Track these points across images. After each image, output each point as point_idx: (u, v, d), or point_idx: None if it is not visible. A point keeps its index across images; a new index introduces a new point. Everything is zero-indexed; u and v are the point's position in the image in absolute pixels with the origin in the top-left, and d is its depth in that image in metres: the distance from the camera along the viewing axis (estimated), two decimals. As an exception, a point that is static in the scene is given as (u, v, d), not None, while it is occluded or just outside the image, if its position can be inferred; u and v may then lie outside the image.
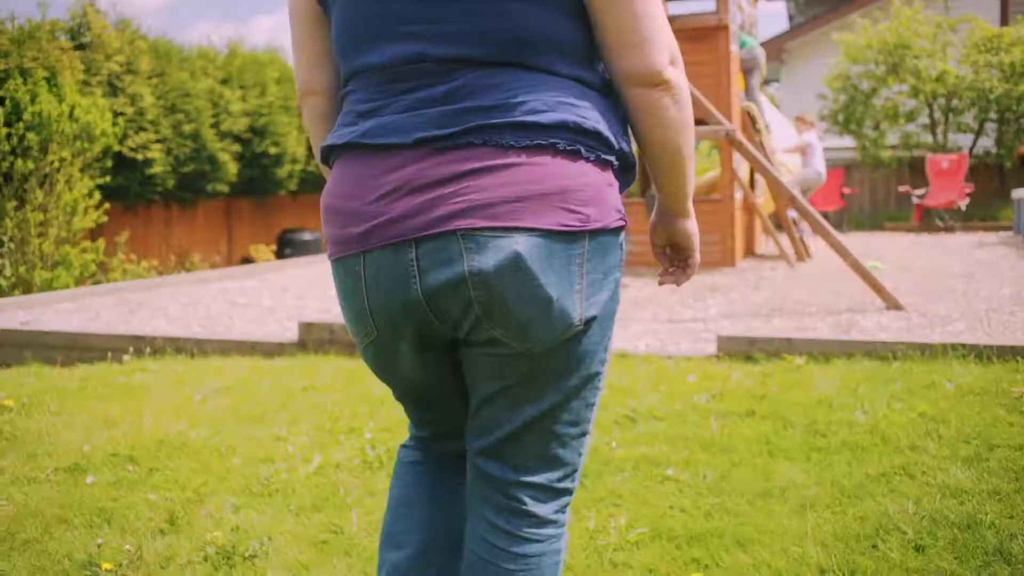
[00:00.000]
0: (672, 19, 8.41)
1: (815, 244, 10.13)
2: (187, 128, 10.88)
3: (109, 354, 5.25)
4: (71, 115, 8.90)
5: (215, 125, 11.48)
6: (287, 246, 13.99)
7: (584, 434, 1.41)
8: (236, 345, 5.19)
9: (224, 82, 11.91)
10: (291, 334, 5.31)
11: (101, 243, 9.40)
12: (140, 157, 10.23)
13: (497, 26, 1.24)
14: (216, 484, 3.03)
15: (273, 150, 12.41)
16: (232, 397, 4.16)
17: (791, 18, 22.31)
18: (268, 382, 4.39)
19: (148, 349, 5.26)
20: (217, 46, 12.27)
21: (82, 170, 9.26)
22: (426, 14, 1.25)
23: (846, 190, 13.31)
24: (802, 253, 8.66)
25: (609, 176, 1.31)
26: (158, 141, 10.57)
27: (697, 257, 1.48)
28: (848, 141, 14.93)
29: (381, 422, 3.58)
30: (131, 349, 5.29)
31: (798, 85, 16.19)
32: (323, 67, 1.43)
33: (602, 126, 1.29)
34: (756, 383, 3.86)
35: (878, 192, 14.82)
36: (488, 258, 1.22)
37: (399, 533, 1.52)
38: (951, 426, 3.18)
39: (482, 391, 1.38)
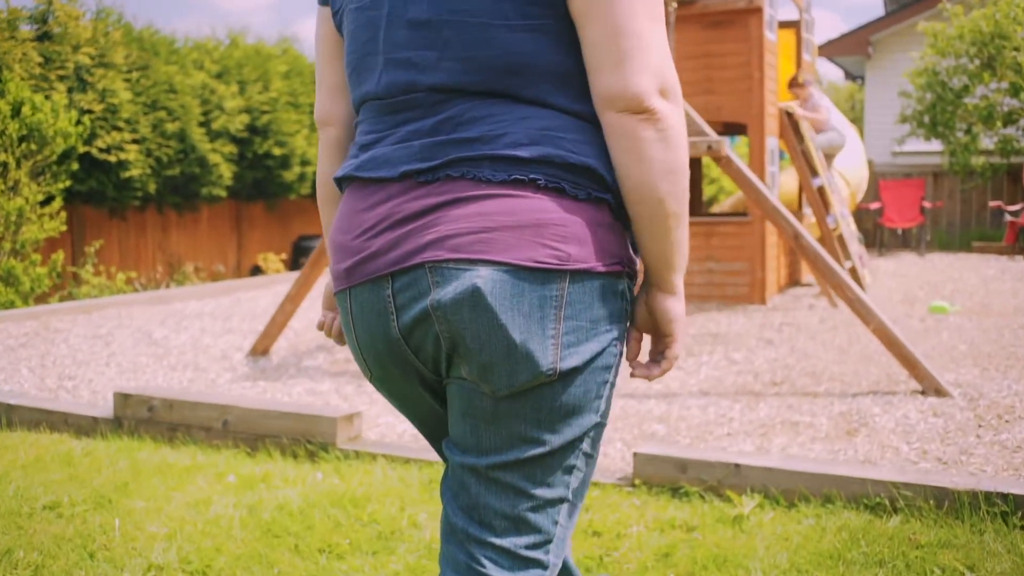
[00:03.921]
0: (692, 1, 6.92)
1: (872, 273, 8.51)
2: (170, 127, 9.84)
3: None
4: (17, 113, 7.96)
5: (205, 124, 10.43)
6: (302, 254, 12.88)
7: (562, 500, 1.26)
8: (48, 416, 4.02)
9: (219, 76, 10.84)
10: (110, 406, 4.10)
11: (60, 255, 8.45)
12: (113, 159, 9.24)
13: (485, 53, 1.18)
14: None
15: (277, 151, 11.28)
16: (-56, 516, 2.97)
17: (886, 6, 20.27)
18: (13, 488, 3.19)
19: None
20: (220, 36, 11.22)
21: (36, 175, 8.32)
22: (416, 40, 1.21)
23: (926, 203, 11.46)
24: (851, 287, 7.07)
25: (604, 216, 1.20)
26: (135, 141, 9.57)
27: (677, 349, 1.25)
28: (934, 146, 13.02)
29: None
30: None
31: (887, 82, 14.27)
32: (340, 98, 1.41)
33: (594, 161, 1.18)
34: (654, 556, 2.44)
35: (971, 205, 12.88)
36: (447, 291, 1.15)
37: None
38: None
39: (452, 428, 1.29)
